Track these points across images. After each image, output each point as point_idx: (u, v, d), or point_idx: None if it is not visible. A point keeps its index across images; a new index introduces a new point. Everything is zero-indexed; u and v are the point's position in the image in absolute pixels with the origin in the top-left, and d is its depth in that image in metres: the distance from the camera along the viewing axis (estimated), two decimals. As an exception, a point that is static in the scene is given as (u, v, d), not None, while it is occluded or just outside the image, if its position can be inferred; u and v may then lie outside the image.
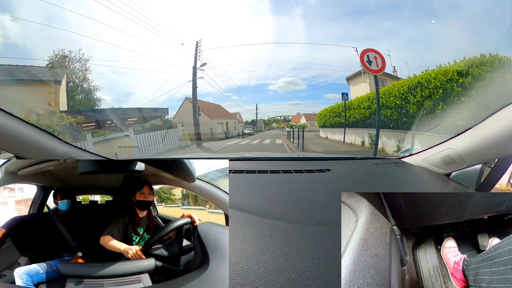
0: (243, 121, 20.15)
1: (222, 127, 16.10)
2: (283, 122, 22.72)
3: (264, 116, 22.01)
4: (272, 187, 1.01)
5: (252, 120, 20.69)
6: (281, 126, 22.54)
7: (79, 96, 11.04)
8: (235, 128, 17.93)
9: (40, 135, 1.08)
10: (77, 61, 10.87)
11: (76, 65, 10.91)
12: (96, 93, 11.41)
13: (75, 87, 10.84)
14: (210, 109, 15.88)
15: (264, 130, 21.98)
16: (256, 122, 20.93)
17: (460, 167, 1.26)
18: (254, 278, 0.56)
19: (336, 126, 11.02)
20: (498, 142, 1.02)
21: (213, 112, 15.86)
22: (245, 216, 0.77)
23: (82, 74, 11.14)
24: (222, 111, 17.37)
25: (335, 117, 11.01)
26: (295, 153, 7.16)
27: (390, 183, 1.29)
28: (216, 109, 16.96)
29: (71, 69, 10.75)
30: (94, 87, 11.30)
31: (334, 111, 11.24)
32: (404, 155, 1.68)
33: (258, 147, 10.82)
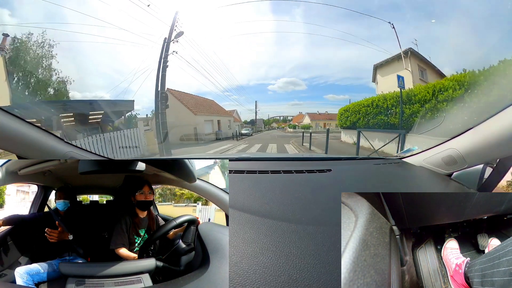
0: (240, 119, 18.46)
1: (211, 126, 12.83)
2: (284, 122, 22.48)
3: (264, 116, 21.46)
4: (273, 187, 1.01)
5: (251, 119, 19.55)
6: (281, 126, 22.20)
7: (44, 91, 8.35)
8: (230, 127, 15.00)
9: (41, 135, 1.09)
10: (39, 46, 8.66)
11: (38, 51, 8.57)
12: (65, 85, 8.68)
13: (26, 77, 8.48)
14: (194, 103, 12.40)
15: (263, 130, 21.21)
16: (256, 121, 19.67)
17: (462, 167, 1.25)
18: (255, 278, 0.56)
19: (377, 127, 7.92)
20: (500, 142, 1.02)
21: (198, 107, 12.43)
22: (246, 216, 0.77)
23: (46, 61, 8.66)
24: (213, 106, 14.01)
25: (377, 115, 7.87)
26: (296, 153, 7.15)
27: (391, 183, 1.29)
28: (204, 103, 13.46)
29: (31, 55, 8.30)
30: (62, 78, 8.75)
31: (375, 105, 8.03)
32: (405, 155, 1.67)
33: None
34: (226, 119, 14.79)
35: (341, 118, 10.28)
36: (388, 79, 8.38)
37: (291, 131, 20.00)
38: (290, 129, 20.62)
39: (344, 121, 9.93)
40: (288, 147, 9.52)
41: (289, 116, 22.31)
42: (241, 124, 18.19)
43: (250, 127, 18.42)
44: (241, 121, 18.70)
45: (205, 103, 13.69)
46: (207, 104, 13.88)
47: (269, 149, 9.26)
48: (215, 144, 10.90)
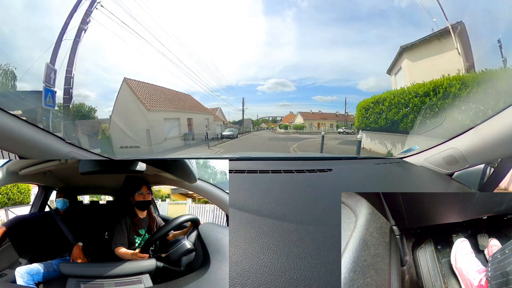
0: (225, 119, 15.70)
1: (178, 127, 8.80)
2: (273, 123, 22.09)
3: (253, 116, 20.71)
4: (274, 187, 1.01)
5: (240, 120, 17.86)
6: (271, 127, 21.72)
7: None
8: (209, 127, 10.80)
9: (42, 136, 1.09)
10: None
11: None
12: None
13: None
14: (151, 95, 8.44)
15: (252, 130, 19.97)
16: (243, 121, 17.84)
17: (463, 167, 1.25)
18: (255, 278, 0.56)
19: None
20: (501, 141, 1.01)
21: (157, 100, 8.39)
22: (246, 216, 0.77)
23: None
24: (185, 101, 9.81)
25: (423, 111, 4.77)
26: (296, 152, 7.13)
27: (392, 183, 1.29)
28: (171, 97, 9.24)
29: None
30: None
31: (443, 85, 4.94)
32: (406, 154, 1.67)
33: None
34: (202, 117, 10.41)
35: (360, 116, 7.58)
36: (423, 64, 6.23)
37: (283, 131, 19.24)
38: (281, 130, 19.89)
39: (362, 120, 7.35)
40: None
41: (278, 117, 22.03)
42: (225, 124, 15.32)
43: (237, 127, 16.43)
44: (226, 121, 16.49)
45: (174, 97, 9.37)
46: (176, 98, 9.46)
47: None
48: (174, 154, 7.09)
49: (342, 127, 17.82)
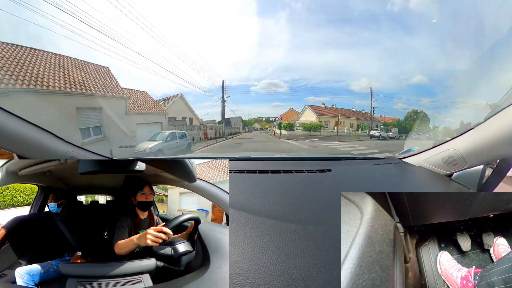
0: (197, 117, 10.30)
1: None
2: (267, 123, 20.38)
3: (244, 115, 18.40)
4: (273, 187, 1.01)
5: (227, 118, 11.33)
6: (265, 127, 19.92)
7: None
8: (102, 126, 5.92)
9: (42, 135, 1.08)
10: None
11: None
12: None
13: None
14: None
15: (242, 132, 16.66)
16: (224, 119, 11.38)
17: (462, 167, 1.25)
18: (255, 278, 0.56)
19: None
20: (500, 142, 1.02)
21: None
22: (246, 216, 0.77)
23: None
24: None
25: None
26: (297, 152, 7.13)
27: (391, 184, 1.29)
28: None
29: None
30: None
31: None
32: (405, 155, 1.67)
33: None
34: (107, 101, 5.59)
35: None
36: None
37: (287, 134, 15.24)
38: (280, 131, 16.20)
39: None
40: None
41: (271, 117, 20.32)
42: (187, 127, 9.16)
43: (185, 132, 9.17)
44: (199, 119, 10.21)
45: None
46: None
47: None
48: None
49: (377, 130, 14.43)
